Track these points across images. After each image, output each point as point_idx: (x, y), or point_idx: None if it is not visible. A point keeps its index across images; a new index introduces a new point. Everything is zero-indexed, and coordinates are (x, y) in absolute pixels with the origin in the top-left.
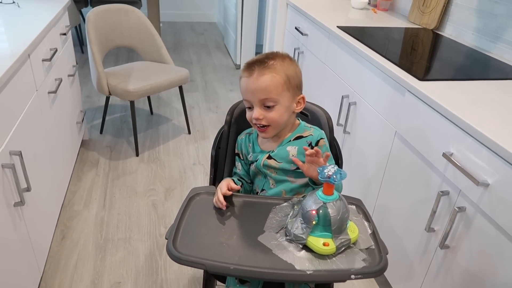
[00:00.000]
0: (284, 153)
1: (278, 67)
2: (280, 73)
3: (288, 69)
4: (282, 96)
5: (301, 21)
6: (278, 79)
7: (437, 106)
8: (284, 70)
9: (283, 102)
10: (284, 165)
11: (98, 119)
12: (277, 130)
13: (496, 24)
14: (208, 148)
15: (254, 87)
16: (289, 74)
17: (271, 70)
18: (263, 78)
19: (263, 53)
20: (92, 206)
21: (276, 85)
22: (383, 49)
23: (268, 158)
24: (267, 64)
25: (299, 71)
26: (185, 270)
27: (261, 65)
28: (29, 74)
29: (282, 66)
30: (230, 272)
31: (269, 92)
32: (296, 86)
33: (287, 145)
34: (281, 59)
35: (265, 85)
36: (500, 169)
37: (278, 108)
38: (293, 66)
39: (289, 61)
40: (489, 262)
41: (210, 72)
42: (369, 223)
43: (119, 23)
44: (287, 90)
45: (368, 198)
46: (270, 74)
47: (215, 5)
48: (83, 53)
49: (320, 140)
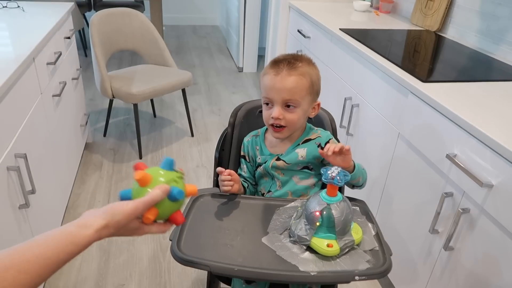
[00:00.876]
0: (293, 155)
1: (305, 71)
2: (307, 76)
3: (313, 74)
4: (304, 99)
5: (304, 24)
6: (304, 83)
7: (440, 108)
8: (310, 74)
9: (303, 105)
10: (292, 166)
11: (101, 122)
12: (292, 132)
13: (498, 26)
14: (211, 150)
15: (280, 86)
16: (314, 79)
17: (299, 72)
18: (290, 79)
19: (287, 53)
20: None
21: (301, 88)
22: (385, 51)
23: (277, 160)
24: (296, 66)
25: (319, 78)
26: (188, 272)
27: (289, 65)
28: (34, 78)
29: (309, 70)
30: (234, 274)
31: (294, 94)
32: (316, 91)
33: (297, 148)
34: (307, 63)
35: (292, 86)
36: (504, 170)
37: (298, 111)
38: (316, 71)
39: (314, 66)
40: (494, 264)
41: (212, 75)
42: (373, 224)
43: (123, 26)
44: (309, 94)
45: (372, 200)
46: (298, 76)
47: (217, 9)
48: (86, 56)
49: (330, 141)
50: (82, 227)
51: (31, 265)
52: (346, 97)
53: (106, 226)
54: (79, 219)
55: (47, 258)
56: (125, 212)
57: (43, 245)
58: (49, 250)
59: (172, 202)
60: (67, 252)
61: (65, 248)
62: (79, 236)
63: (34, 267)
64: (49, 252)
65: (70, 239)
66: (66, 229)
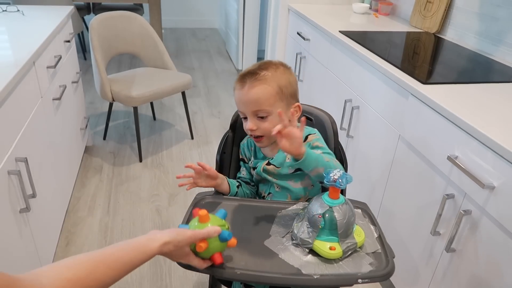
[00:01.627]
0: (281, 157)
1: (270, 78)
2: (272, 84)
3: (280, 79)
4: (274, 106)
5: (303, 26)
6: (270, 90)
7: (441, 109)
8: (276, 80)
9: (276, 112)
10: (283, 169)
11: (101, 125)
12: (273, 139)
13: (498, 28)
14: (211, 153)
15: (245, 99)
16: (282, 84)
17: (262, 81)
18: (254, 90)
19: (257, 62)
20: (96, 212)
21: (267, 97)
22: (385, 53)
23: (267, 164)
24: (259, 75)
25: (294, 79)
26: (189, 275)
27: (252, 76)
28: (34, 81)
29: (274, 76)
30: (236, 277)
31: (260, 104)
32: (290, 95)
33: None
34: (274, 69)
35: (257, 97)
36: (506, 172)
37: (271, 119)
38: (287, 75)
39: (283, 70)
40: (496, 265)
41: (212, 78)
42: (375, 226)
43: (122, 30)
44: (280, 100)
45: (373, 202)
46: (261, 85)
47: (216, 11)
48: (85, 59)
49: (309, 136)
50: (150, 240)
51: (116, 264)
52: (346, 99)
53: (168, 243)
54: (148, 234)
55: (126, 262)
56: (185, 235)
57: (123, 251)
58: (127, 255)
59: (220, 242)
60: (139, 259)
61: (138, 256)
62: (148, 247)
63: (117, 266)
64: (127, 257)
65: (142, 249)
66: (138, 241)
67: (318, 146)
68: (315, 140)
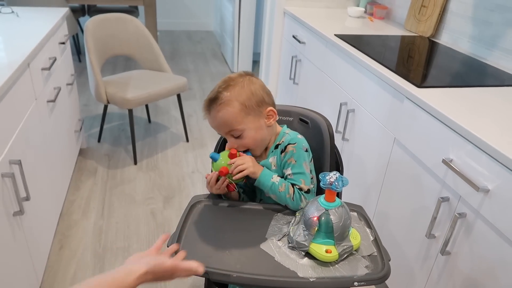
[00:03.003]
0: (267, 165)
1: (229, 99)
2: (233, 103)
3: (240, 95)
4: (244, 122)
5: (299, 30)
6: (233, 110)
7: (435, 113)
8: (236, 98)
9: (248, 126)
10: None
11: (96, 127)
12: (261, 147)
13: (491, 32)
14: (207, 155)
15: (215, 125)
16: (243, 99)
17: (224, 105)
18: (219, 115)
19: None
20: (91, 215)
21: (233, 117)
22: (380, 56)
23: None
24: (219, 99)
25: (257, 87)
26: (185, 279)
27: (213, 102)
28: (29, 83)
29: (233, 95)
30: (232, 280)
31: (229, 125)
32: (256, 105)
33: (270, 155)
34: (232, 86)
35: (223, 120)
36: (500, 175)
37: (246, 134)
38: (247, 88)
39: (241, 84)
40: (491, 268)
41: (207, 80)
42: (371, 229)
43: (117, 32)
44: (248, 115)
45: (368, 205)
46: (223, 109)
47: (212, 14)
48: (80, 61)
49: (288, 146)
50: (127, 275)
51: None
52: (341, 102)
53: (146, 273)
54: (125, 266)
55: None
56: (164, 266)
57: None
58: None
59: None
60: None
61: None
62: (125, 282)
63: None
64: None
65: (119, 285)
66: (115, 276)
67: (291, 163)
68: (290, 154)
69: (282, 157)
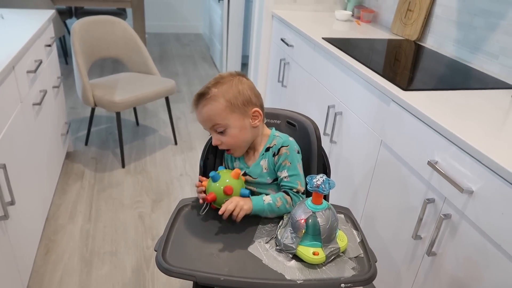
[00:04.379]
0: (258, 168)
1: (216, 95)
2: (219, 99)
3: (227, 93)
4: (228, 119)
5: (287, 33)
6: (218, 106)
7: (421, 116)
8: (223, 95)
9: (232, 124)
10: (260, 179)
11: (83, 130)
12: (242, 149)
13: (475, 36)
14: (195, 159)
15: (200, 118)
16: (229, 96)
17: (210, 100)
18: (204, 109)
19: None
20: (77, 219)
21: (218, 112)
22: (367, 60)
23: (244, 175)
24: (207, 95)
25: (246, 87)
26: (173, 282)
27: (202, 97)
28: (14, 86)
29: (220, 91)
30: (220, 283)
31: (213, 120)
32: (242, 104)
33: (261, 158)
34: (221, 84)
35: (207, 115)
36: (483, 176)
37: (229, 131)
38: (235, 87)
39: (230, 83)
40: (475, 268)
41: (196, 83)
42: (358, 231)
43: (105, 34)
44: (232, 112)
45: (356, 207)
46: (209, 104)
47: (200, 17)
48: (67, 64)
49: (281, 148)
50: None
51: None
52: (329, 105)
53: None
54: None
55: None
56: None
57: None
58: None
59: None
60: None
61: None
62: None
63: None
64: None
65: None
66: None
67: (286, 165)
68: (284, 156)
69: (276, 160)
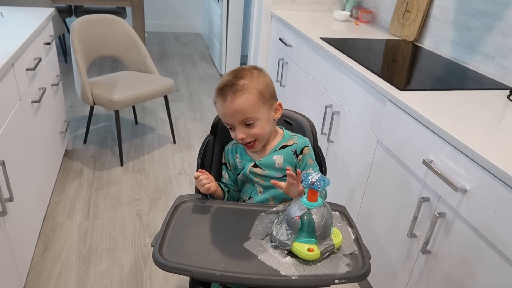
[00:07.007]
0: (270, 161)
1: (248, 86)
2: (253, 91)
3: (258, 84)
4: (259, 112)
5: (285, 33)
6: (252, 98)
7: (417, 115)
8: (255, 86)
9: (262, 116)
10: (271, 172)
11: (82, 128)
12: (264, 141)
13: (472, 37)
14: (193, 157)
15: (231, 111)
16: (261, 88)
17: (243, 91)
18: (237, 101)
19: (231, 71)
20: (76, 216)
21: (251, 104)
22: (365, 60)
23: (254, 167)
24: (238, 86)
25: (269, 79)
26: (170, 279)
27: (232, 88)
28: (13, 84)
29: (252, 83)
30: (216, 279)
31: (246, 113)
32: (270, 96)
33: (273, 154)
34: (249, 76)
35: (241, 107)
36: (477, 175)
37: (258, 123)
38: (263, 78)
39: (257, 74)
40: (469, 266)
41: (195, 82)
42: (353, 229)
43: (104, 33)
44: (263, 104)
45: (352, 205)
46: (243, 95)
47: (200, 16)
48: (66, 62)
49: (304, 148)
50: None
51: None
52: (327, 105)
53: None
54: None
55: None
56: None
57: None
58: None
59: None
60: None
61: None
62: None
63: None
64: None
65: None
66: None
67: (310, 164)
68: (309, 156)
69: (301, 159)
